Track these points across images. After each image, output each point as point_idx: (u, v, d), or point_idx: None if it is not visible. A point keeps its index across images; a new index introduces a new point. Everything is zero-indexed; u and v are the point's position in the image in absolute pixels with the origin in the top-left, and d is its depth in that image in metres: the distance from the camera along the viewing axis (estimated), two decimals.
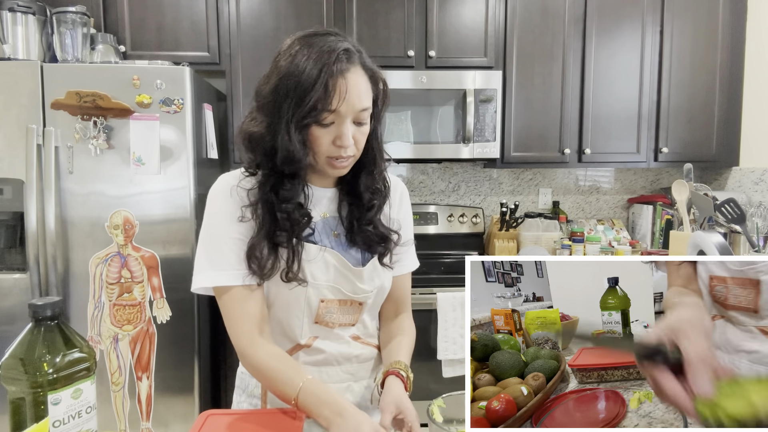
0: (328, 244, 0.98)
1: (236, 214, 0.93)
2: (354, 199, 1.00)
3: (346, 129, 0.88)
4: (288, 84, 0.87)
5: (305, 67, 0.85)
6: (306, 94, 0.85)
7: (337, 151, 0.90)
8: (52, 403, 0.72)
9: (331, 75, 0.85)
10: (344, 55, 0.86)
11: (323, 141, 0.89)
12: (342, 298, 0.98)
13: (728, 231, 1.55)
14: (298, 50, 0.89)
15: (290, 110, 0.86)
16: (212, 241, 0.95)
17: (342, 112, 0.87)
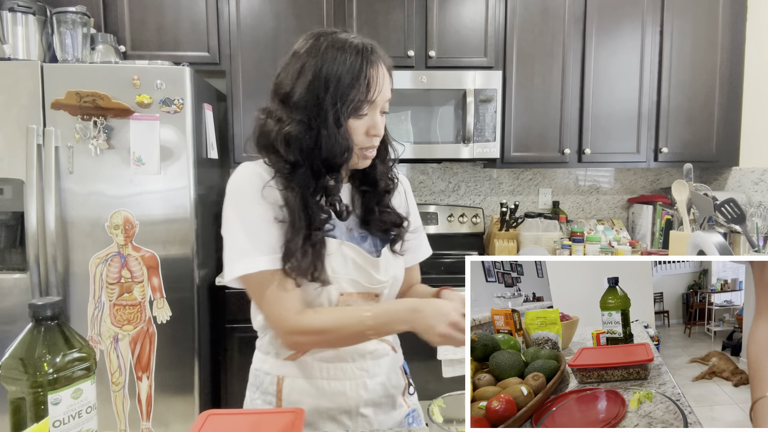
0: (345, 237, 1.00)
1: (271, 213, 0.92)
2: (369, 188, 1.03)
3: (378, 118, 0.95)
4: (327, 80, 0.89)
5: (343, 62, 0.89)
6: (350, 88, 0.89)
7: (370, 141, 0.95)
8: (52, 403, 0.72)
9: (371, 68, 0.91)
10: (374, 49, 0.93)
11: (359, 132, 0.93)
12: (360, 291, 0.99)
13: (728, 231, 1.54)
14: (327, 48, 0.90)
15: (333, 105, 0.89)
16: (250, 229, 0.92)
17: (377, 102, 0.93)
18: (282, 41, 2.45)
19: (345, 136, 0.91)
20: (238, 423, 0.90)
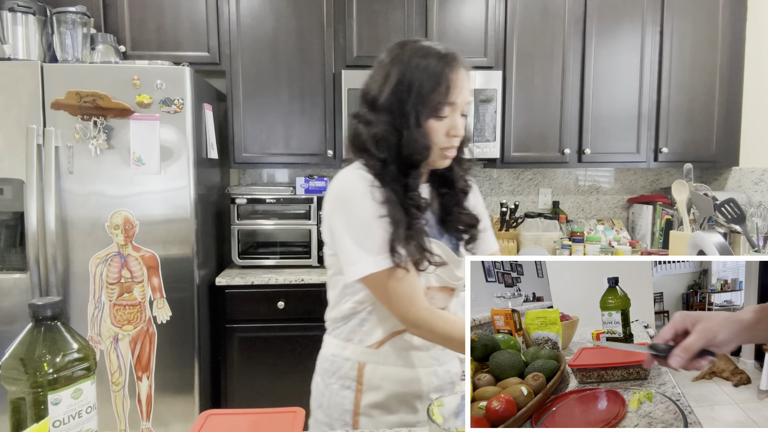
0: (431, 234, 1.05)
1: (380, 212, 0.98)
2: (447, 189, 1.09)
3: (458, 120, 1.00)
4: (411, 84, 0.97)
5: (426, 67, 0.96)
6: (432, 91, 0.96)
7: (450, 142, 1.00)
8: (52, 403, 0.72)
9: (452, 72, 0.97)
10: (456, 54, 0.99)
11: (439, 133, 0.99)
12: (442, 285, 1.06)
13: (728, 231, 1.54)
14: (411, 56, 0.98)
15: (415, 107, 0.96)
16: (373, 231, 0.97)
17: (458, 104, 0.99)
18: (282, 41, 2.45)
19: (424, 136, 0.98)
20: (238, 423, 0.90)
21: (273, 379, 2.30)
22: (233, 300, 2.27)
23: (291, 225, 2.48)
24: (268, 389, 2.30)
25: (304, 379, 2.31)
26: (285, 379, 2.31)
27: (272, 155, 2.50)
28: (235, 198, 2.43)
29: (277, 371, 2.30)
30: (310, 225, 2.46)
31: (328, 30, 2.46)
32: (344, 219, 0.99)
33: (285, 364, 2.30)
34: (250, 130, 2.48)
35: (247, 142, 2.48)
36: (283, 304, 2.26)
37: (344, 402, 1.07)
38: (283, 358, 2.29)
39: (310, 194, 2.48)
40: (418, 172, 1.01)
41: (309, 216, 2.47)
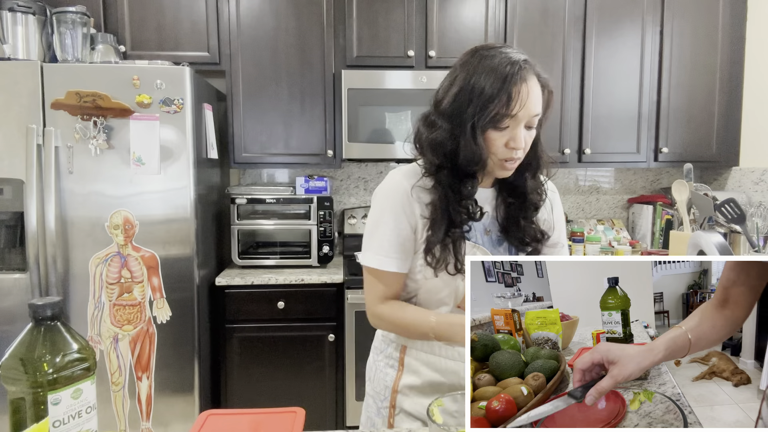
0: (480, 241, 1.07)
1: (415, 211, 1.04)
2: (516, 199, 1.08)
3: (520, 133, 0.97)
4: (472, 92, 0.96)
5: (490, 77, 0.95)
6: (490, 102, 0.94)
7: (510, 153, 0.99)
8: (52, 403, 0.72)
9: (514, 83, 0.94)
10: (525, 65, 0.97)
11: (498, 143, 0.98)
12: None
13: (728, 231, 1.54)
14: (479, 62, 0.97)
15: (473, 116, 0.95)
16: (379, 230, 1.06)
17: (519, 117, 0.96)
18: (282, 41, 2.45)
19: (480, 146, 0.97)
20: (238, 423, 0.90)
21: (273, 379, 2.30)
22: (233, 300, 2.27)
23: (291, 225, 2.48)
24: (268, 389, 2.30)
25: (304, 379, 2.32)
26: (285, 379, 2.31)
27: (272, 155, 2.50)
28: (235, 198, 2.43)
29: (277, 371, 2.30)
30: (310, 225, 2.46)
31: (328, 30, 2.46)
32: (372, 209, 1.09)
33: (285, 364, 2.30)
34: (250, 130, 2.48)
35: (247, 142, 2.48)
36: (283, 304, 2.26)
37: (386, 379, 1.14)
38: (283, 358, 2.29)
39: (310, 194, 2.48)
40: (473, 180, 1.02)
41: (309, 216, 2.47)
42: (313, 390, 2.32)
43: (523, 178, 1.07)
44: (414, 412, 1.10)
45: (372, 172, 2.92)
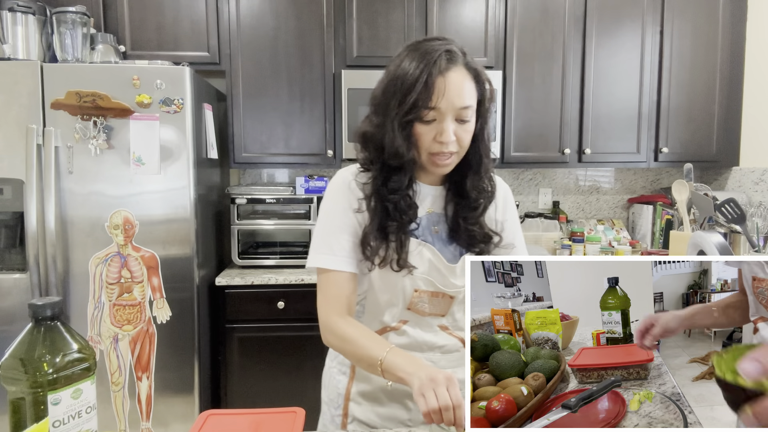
0: (429, 239, 1.04)
1: (353, 205, 1.02)
2: (461, 199, 1.05)
3: (447, 126, 0.94)
4: (395, 85, 0.94)
5: (409, 68, 0.92)
6: (408, 93, 0.92)
7: (439, 147, 0.95)
8: (52, 403, 0.72)
9: (430, 74, 0.91)
10: (446, 56, 0.92)
11: (426, 138, 0.95)
12: (434, 290, 1.04)
13: (728, 231, 1.54)
14: (406, 55, 0.95)
15: (395, 109, 0.94)
16: (327, 228, 1.03)
17: (442, 109, 0.92)
18: (282, 41, 2.45)
19: (402, 140, 0.94)
20: (238, 423, 0.90)
21: (273, 379, 2.30)
22: (233, 300, 2.27)
23: (291, 225, 2.48)
24: (268, 389, 2.30)
25: (304, 379, 2.32)
26: (285, 379, 2.31)
27: (272, 155, 2.50)
28: (235, 198, 2.43)
29: (277, 371, 2.30)
30: (310, 225, 2.46)
31: (328, 30, 2.46)
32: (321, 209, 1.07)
33: (285, 364, 2.30)
34: (250, 130, 2.48)
35: (247, 142, 2.48)
36: (283, 304, 2.26)
37: (339, 386, 1.11)
38: (283, 358, 2.29)
39: (310, 194, 2.48)
40: (402, 176, 0.99)
41: (309, 216, 2.47)
42: (313, 390, 2.31)
43: (464, 174, 1.03)
44: (367, 420, 1.08)
45: None
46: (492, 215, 1.09)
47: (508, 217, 1.12)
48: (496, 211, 1.10)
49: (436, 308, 1.06)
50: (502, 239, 1.07)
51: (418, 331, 1.07)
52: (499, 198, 1.12)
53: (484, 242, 1.05)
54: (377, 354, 0.91)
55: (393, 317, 1.06)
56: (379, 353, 0.91)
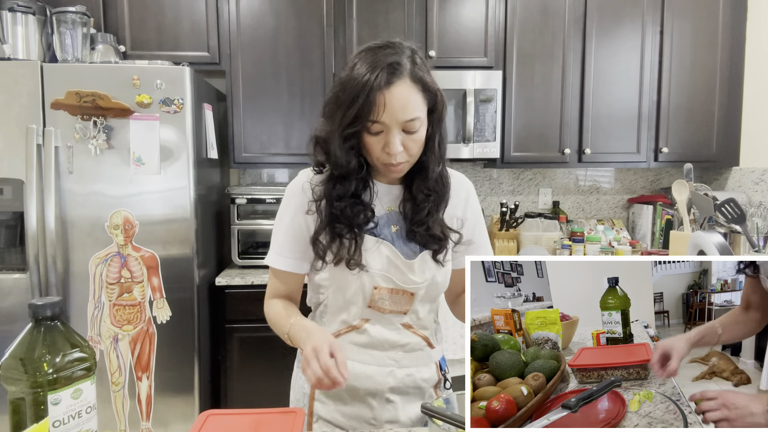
0: (388, 237, 1.05)
1: (304, 207, 1.05)
2: (413, 200, 1.06)
3: (392, 138, 0.94)
4: (341, 95, 0.94)
5: (354, 81, 0.92)
6: (351, 106, 0.92)
7: (387, 158, 0.97)
8: (52, 403, 0.72)
9: (371, 89, 0.90)
10: (388, 70, 0.91)
11: (374, 148, 0.96)
12: (394, 287, 1.05)
13: (728, 231, 1.54)
14: (355, 64, 0.95)
15: (339, 120, 0.94)
16: (278, 229, 1.10)
17: (386, 122, 0.93)
18: (282, 41, 2.45)
19: (347, 151, 0.96)
20: (238, 423, 0.90)
21: (273, 379, 2.30)
22: (233, 300, 2.27)
23: None
24: (268, 389, 2.30)
25: None
26: (285, 379, 2.30)
27: (272, 155, 2.50)
28: (235, 198, 2.43)
29: (277, 371, 2.30)
30: None
31: (328, 30, 2.46)
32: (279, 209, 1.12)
33: (285, 364, 2.29)
34: (250, 130, 2.48)
35: (247, 142, 2.48)
36: None
37: (304, 385, 1.13)
38: (283, 358, 2.29)
39: None
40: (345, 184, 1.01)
41: None
42: None
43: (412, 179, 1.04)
44: (332, 419, 1.09)
45: None
46: (452, 212, 1.10)
47: (469, 215, 1.13)
48: (456, 208, 1.11)
49: (396, 305, 1.07)
50: (462, 236, 1.09)
51: (380, 329, 1.08)
52: (461, 195, 1.12)
53: (439, 241, 1.05)
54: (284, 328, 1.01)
55: (354, 316, 1.07)
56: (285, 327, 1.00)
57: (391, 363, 1.09)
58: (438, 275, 1.08)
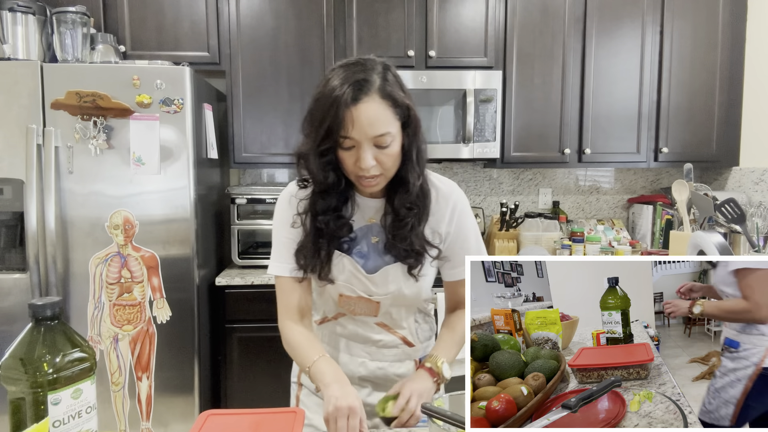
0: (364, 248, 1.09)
1: (290, 220, 1.09)
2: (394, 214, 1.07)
3: (364, 153, 0.95)
4: (314, 112, 0.97)
5: (324, 98, 0.95)
6: (322, 123, 0.94)
7: (361, 172, 0.98)
8: (52, 403, 0.72)
9: (339, 106, 0.92)
10: (355, 87, 0.93)
11: (348, 162, 0.98)
12: (358, 295, 1.11)
13: (728, 231, 1.54)
14: (327, 80, 0.97)
15: (314, 136, 0.97)
16: (275, 238, 1.13)
17: (356, 138, 0.94)
18: (282, 41, 2.45)
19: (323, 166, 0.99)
20: (238, 423, 0.90)
21: (273, 379, 2.29)
22: (233, 300, 2.27)
23: None
24: (268, 389, 2.30)
25: None
26: (285, 379, 2.30)
27: (272, 155, 2.50)
28: (235, 198, 2.43)
29: (277, 371, 2.30)
30: None
31: (328, 30, 2.46)
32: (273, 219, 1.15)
33: (285, 364, 2.29)
34: (250, 130, 2.48)
35: (247, 142, 2.48)
36: None
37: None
38: (283, 358, 2.29)
39: None
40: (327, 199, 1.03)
41: None
42: None
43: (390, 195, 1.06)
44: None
45: None
46: (434, 227, 1.10)
47: (453, 229, 1.13)
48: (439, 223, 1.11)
49: (364, 310, 1.12)
50: (440, 252, 1.10)
51: (354, 326, 1.15)
52: (447, 209, 1.12)
53: (417, 256, 1.06)
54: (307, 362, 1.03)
55: (330, 311, 1.17)
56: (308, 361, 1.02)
57: (364, 355, 1.16)
58: (405, 287, 1.09)
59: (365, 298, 1.10)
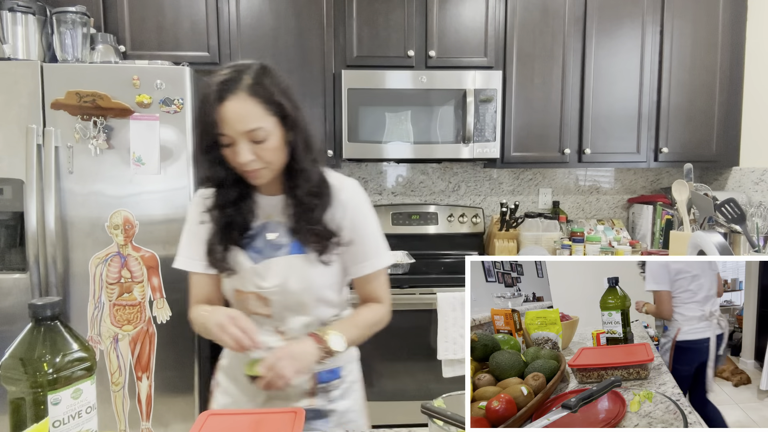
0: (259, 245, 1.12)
1: (198, 218, 1.15)
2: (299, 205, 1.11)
3: (239, 148, 1.02)
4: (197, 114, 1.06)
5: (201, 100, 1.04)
6: (199, 123, 1.04)
7: (242, 167, 1.04)
8: (52, 403, 0.72)
9: (209, 105, 1.01)
10: (219, 87, 1.01)
11: (230, 158, 1.05)
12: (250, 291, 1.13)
13: (728, 231, 1.54)
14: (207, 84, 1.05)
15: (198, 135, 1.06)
16: (186, 234, 1.19)
17: (230, 134, 1.01)
18: (282, 41, 2.45)
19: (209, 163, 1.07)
20: (238, 423, 0.90)
21: None
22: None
23: None
24: None
25: None
26: None
27: None
28: None
29: None
30: None
31: (328, 30, 2.46)
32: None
33: None
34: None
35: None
36: None
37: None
38: None
39: None
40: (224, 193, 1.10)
41: None
42: None
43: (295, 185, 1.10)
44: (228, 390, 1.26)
45: (372, 172, 2.92)
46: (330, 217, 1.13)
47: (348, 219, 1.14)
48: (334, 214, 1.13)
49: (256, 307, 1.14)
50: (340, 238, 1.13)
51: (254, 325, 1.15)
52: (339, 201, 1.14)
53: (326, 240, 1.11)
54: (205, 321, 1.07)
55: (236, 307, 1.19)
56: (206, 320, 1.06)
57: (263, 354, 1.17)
58: (292, 281, 1.10)
59: (255, 293, 1.12)
